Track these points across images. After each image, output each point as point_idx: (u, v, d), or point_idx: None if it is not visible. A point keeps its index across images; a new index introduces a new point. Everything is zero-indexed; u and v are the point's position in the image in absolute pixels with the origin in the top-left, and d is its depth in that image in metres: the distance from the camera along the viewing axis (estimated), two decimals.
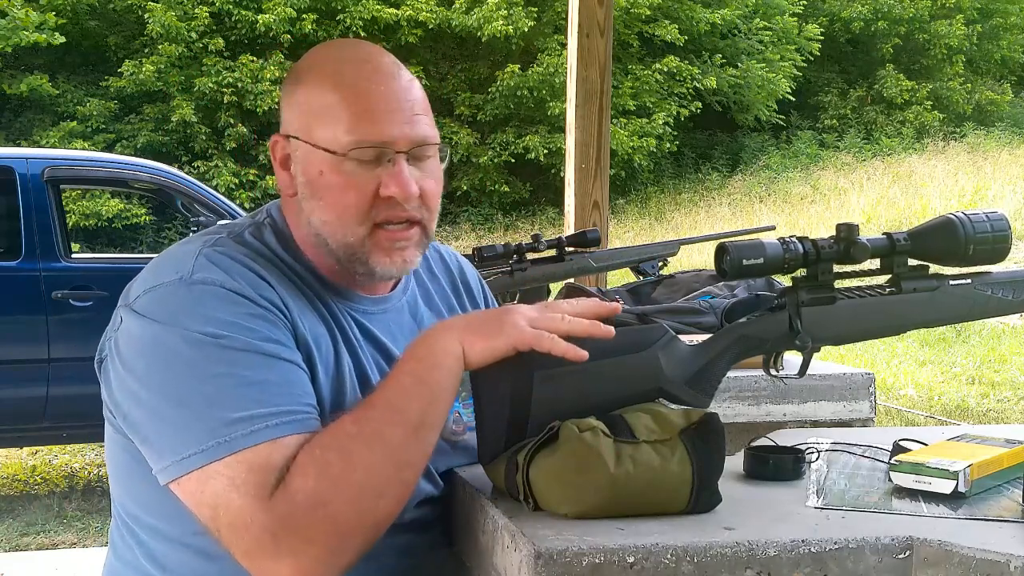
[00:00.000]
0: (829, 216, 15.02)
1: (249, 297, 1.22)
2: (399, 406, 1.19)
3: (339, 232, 1.28)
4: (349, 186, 1.26)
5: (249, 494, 1.13)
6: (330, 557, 1.14)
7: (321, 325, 1.29)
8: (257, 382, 1.17)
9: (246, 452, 1.14)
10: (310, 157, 1.28)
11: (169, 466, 1.17)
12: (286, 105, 1.33)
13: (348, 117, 1.26)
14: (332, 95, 1.27)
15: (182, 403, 1.17)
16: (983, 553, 1.04)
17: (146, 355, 1.21)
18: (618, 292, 2.69)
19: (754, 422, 2.08)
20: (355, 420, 1.18)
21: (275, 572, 1.14)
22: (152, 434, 1.20)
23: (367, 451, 1.16)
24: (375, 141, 1.26)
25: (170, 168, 6.58)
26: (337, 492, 1.14)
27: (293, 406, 1.19)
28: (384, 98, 1.27)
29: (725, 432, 1.20)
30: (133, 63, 16.76)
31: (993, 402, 7.31)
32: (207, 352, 1.17)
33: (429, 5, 18.00)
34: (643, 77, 18.66)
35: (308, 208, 1.30)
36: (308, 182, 1.29)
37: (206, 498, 1.15)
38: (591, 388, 1.25)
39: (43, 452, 6.30)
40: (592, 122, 3.89)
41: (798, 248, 1.30)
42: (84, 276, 5.43)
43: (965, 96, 21.17)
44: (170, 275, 1.23)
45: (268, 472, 1.14)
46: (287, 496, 1.13)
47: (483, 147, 18.05)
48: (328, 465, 1.14)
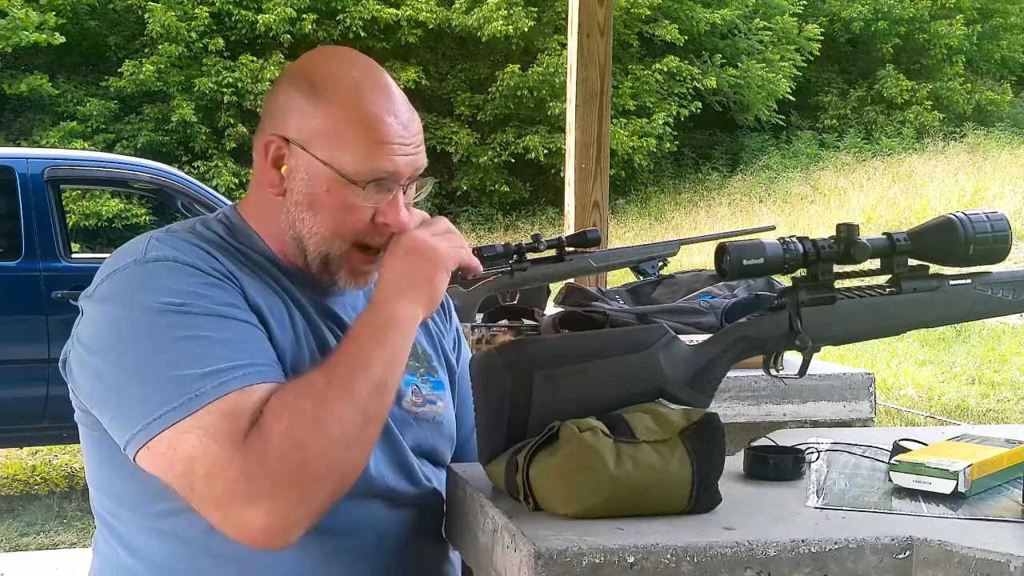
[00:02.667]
0: (829, 216, 15.03)
1: (202, 269, 1.27)
2: (364, 363, 1.23)
3: (324, 245, 1.34)
4: (353, 210, 1.32)
5: (225, 440, 1.15)
6: (303, 502, 1.17)
7: (272, 294, 1.33)
8: (219, 340, 1.21)
9: (216, 403, 1.17)
10: (318, 172, 1.32)
11: (138, 432, 1.19)
12: (291, 111, 1.33)
13: (365, 147, 1.31)
14: (350, 122, 1.31)
15: (145, 371, 1.20)
16: (983, 553, 1.04)
17: (107, 333, 1.25)
18: (618, 292, 2.69)
19: (754, 422, 2.08)
20: (325, 373, 1.22)
21: (249, 519, 1.15)
22: (118, 407, 1.22)
23: (339, 401, 1.19)
24: (387, 173, 1.32)
25: (170, 168, 6.58)
26: (311, 436, 1.17)
27: (256, 359, 1.23)
28: (397, 130, 1.32)
29: (725, 432, 1.20)
30: (133, 63, 16.76)
31: (993, 402, 7.31)
32: (168, 320, 1.21)
33: (429, 5, 18.00)
34: (643, 77, 18.66)
35: (297, 214, 1.34)
36: (309, 194, 1.33)
37: (179, 454, 1.17)
38: (591, 388, 1.25)
39: (43, 452, 6.30)
40: (592, 122, 3.89)
41: (798, 248, 1.30)
42: (84, 276, 5.40)
43: (965, 96, 21.17)
44: (124, 261, 1.29)
45: (239, 417, 1.16)
46: (261, 438, 1.16)
47: (483, 147, 18.05)
48: (302, 411, 1.17)
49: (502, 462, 1.22)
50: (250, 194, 1.42)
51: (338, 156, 1.31)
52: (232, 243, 1.36)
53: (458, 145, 17.68)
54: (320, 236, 1.34)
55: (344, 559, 1.32)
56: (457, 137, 17.74)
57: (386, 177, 1.31)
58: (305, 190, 1.33)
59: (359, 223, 1.33)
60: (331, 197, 1.32)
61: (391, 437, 1.38)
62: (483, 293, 2.43)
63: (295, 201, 1.34)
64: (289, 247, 1.37)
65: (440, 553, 1.45)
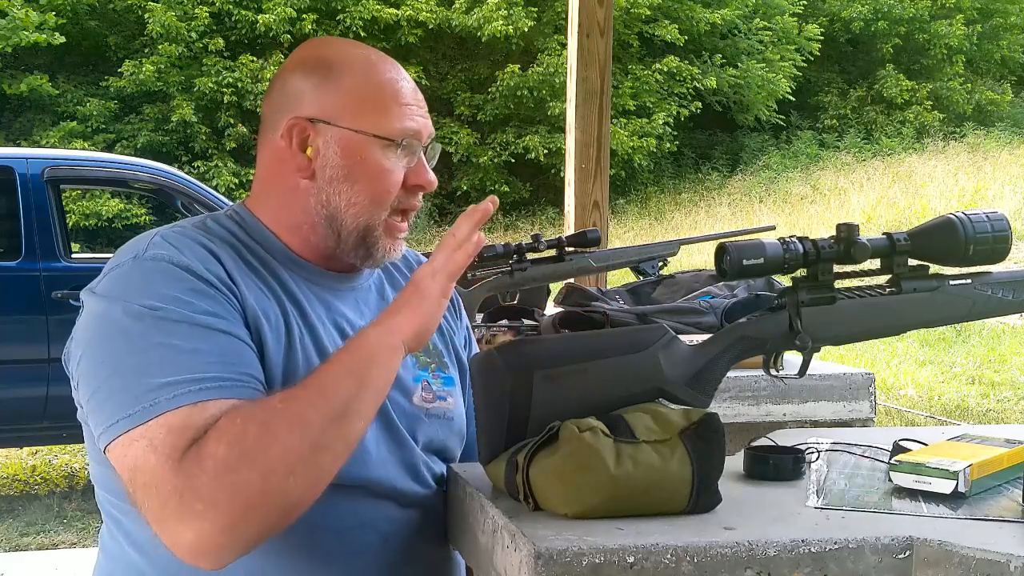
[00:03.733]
0: (829, 216, 15.03)
1: (195, 271, 1.26)
2: (326, 391, 1.21)
3: (365, 214, 1.35)
4: (390, 173, 1.35)
5: (164, 454, 1.15)
6: (232, 527, 1.14)
7: (272, 300, 1.32)
8: (187, 351, 1.20)
9: (168, 415, 1.16)
10: (350, 142, 1.34)
11: (102, 433, 1.20)
12: (309, 91, 1.36)
13: (396, 107, 1.35)
14: (376, 87, 1.36)
15: (116, 372, 1.21)
16: (983, 553, 1.04)
17: (93, 329, 1.26)
18: (618, 292, 2.69)
19: (754, 422, 2.08)
20: (283, 398, 1.20)
21: (180, 535, 1.15)
22: (94, 404, 1.23)
23: (286, 428, 1.17)
24: (414, 132, 1.36)
25: (170, 168, 6.58)
26: (246, 462, 1.14)
27: (222, 373, 1.21)
28: (412, 94, 1.38)
29: (725, 432, 1.20)
30: (133, 63, 16.76)
31: (993, 402, 7.32)
32: (145, 324, 1.21)
33: (429, 5, 18.00)
34: (643, 77, 18.66)
35: (332, 190, 1.35)
36: (344, 165, 1.35)
37: (127, 461, 1.17)
38: (591, 388, 1.25)
39: (43, 452, 6.30)
40: (592, 122, 3.89)
41: (798, 248, 1.30)
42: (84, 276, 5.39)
43: (965, 96, 21.16)
44: (126, 256, 1.30)
45: (184, 432, 1.15)
46: (198, 458, 1.14)
47: (483, 147, 18.05)
48: (244, 435, 1.15)
49: (502, 462, 1.22)
50: (258, 191, 1.42)
51: (369, 121, 1.34)
52: (242, 239, 1.36)
53: (458, 145, 17.68)
54: (360, 206, 1.35)
55: (348, 559, 1.32)
56: (457, 137, 17.73)
57: (413, 136, 1.35)
58: (340, 163, 1.35)
59: (395, 186, 1.36)
60: (367, 164, 1.34)
61: (398, 437, 1.38)
62: (483, 293, 2.43)
63: (329, 177, 1.35)
64: (314, 234, 1.37)
65: (444, 553, 1.45)
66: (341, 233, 1.36)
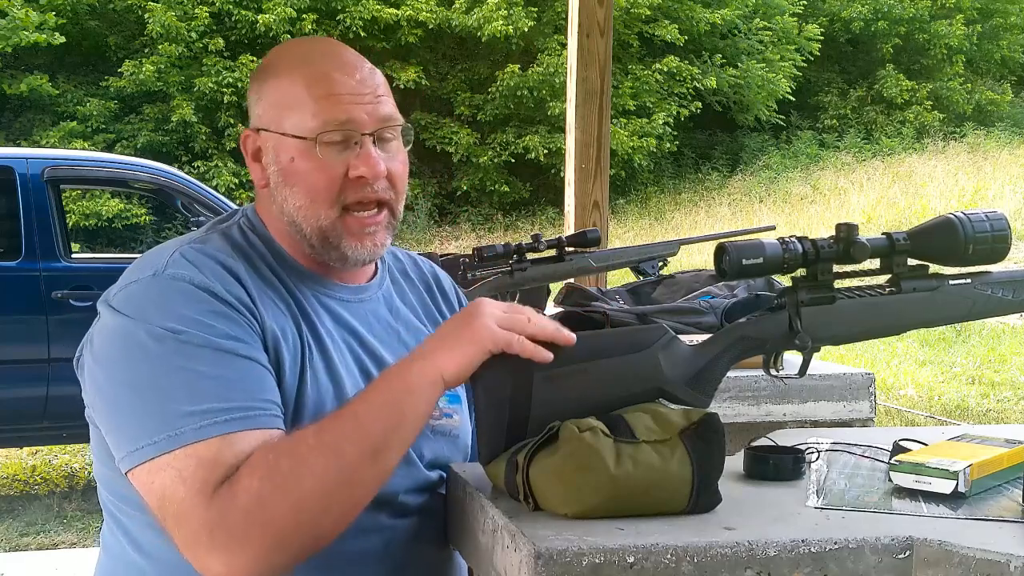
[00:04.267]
0: (829, 216, 15.02)
1: (215, 293, 1.25)
2: (363, 425, 1.19)
3: (312, 216, 1.33)
4: (319, 168, 1.32)
5: (194, 488, 1.15)
6: (263, 558, 1.15)
7: (287, 316, 1.32)
8: (212, 377, 1.20)
9: (197, 446, 1.16)
10: (281, 146, 1.33)
11: (125, 456, 1.20)
12: (255, 100, 1.38)
13: (313, 103, 1.31)
14: (298, 85, 1.33)
15: (138, 395, 1.20)
16: (983, 553, 1.04)
17: (113, 347, 1.25)
18: (618, 292, 2.69)
19: (754, 422, 2.08)
20: (317, 430, 1.19)
21: (208, 564, 1.16)
22: (112, 424, 1.23)
23: (321, 462, 1.16)
24: (341, 122, 1.31)
25: (170, 168, 6.58)
26: (279, 497, 1.15)
27: (248, 402, 1.20)
28: (347, 83, 1.33)
29: (725, 432, 1.20)
30: (133, 63, 16.75)
31: (993, 402, 7.31)
32: (167, 347, 1.20)
33: (429, 5, 17.99)
34: (643, 77, 18.65)
35: (281, 197, 1.35)
36: (280, 170, 1.34)
37: (155, 488, 1.18)
38: (591, 388, 1.25)
39: (43, 452, 6.30)
40: (592, 122, 3.89)
41: (798, 248, 1.30)
42: (84, 276, 5.43)
43: (965, 96, 21.15)
44: (146, 271, 1.28)
45: (215, 468, 1.15)
46: (231, 493, 1.14)
47: (483, 147, 18.04)
48: (277, 470, 1.15)
49: (502, 462, 1.22)
50: (256, 196, 1.43)
51: (290, 120, 1.32)
52: (258, 249, 1.36)
53: (458, 145, 17.67)
54: (304, 208, 1.33)
55: (349, 565, 1.31)
56: (457, 137, 17.72)
57: (339, 127, 1.31)
58: (277, 168, 1.35)
59: (332, 182, 1.32)
60: (298, 164, 1.32)
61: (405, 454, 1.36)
62: (483, 293, 2.43)
63: (275, 184, 1.35)
64: (295, 241, 1.37)
65: (445, 554, 1.45)
66: (308, 239, 1.35)
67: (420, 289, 1.54)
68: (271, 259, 1.36)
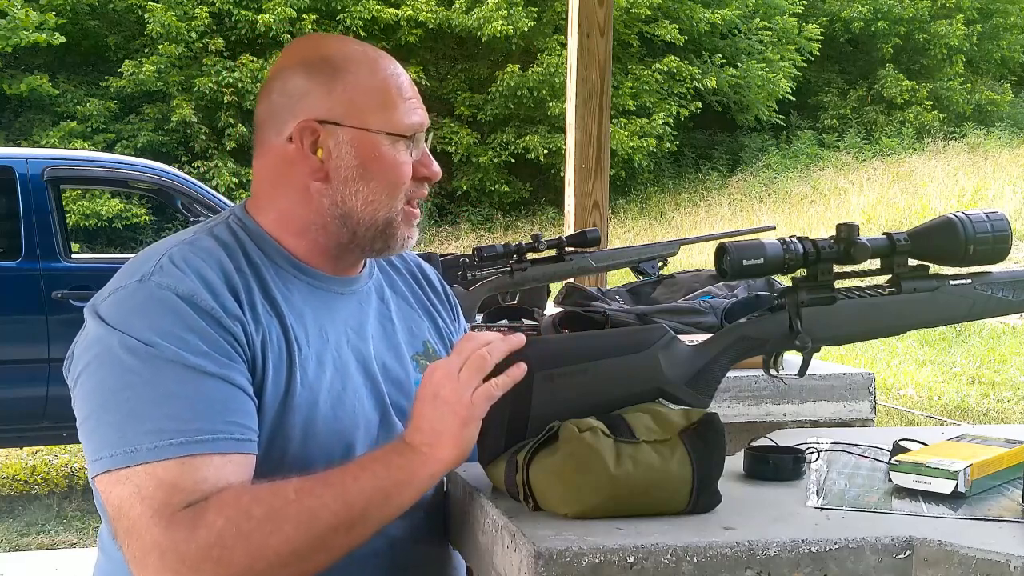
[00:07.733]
0: (829, 216, 15.02)
1: (198, 304, 1.24)
2: (347, 496, 1.19)
3: (383, 208, 1.37)
4: (403, 166, 1.37)
5: (151, 507, 1.15)
6: None
7: (274, 317, 1.32)
8: (177, 396, 1.19)
9: (155, 466, 1.16)
10: (363, 140, 1.35)
11: (90, 462, 1.22)
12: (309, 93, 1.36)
13: (403, 103, 1.38)
14: (379, 85, 1.37)
15: (103, 406, 1.21)
16: (983, 553, 1.04)
17: (89, 354, 1.25)
18: (618, 292, 2.69)
19: (754, 422, 2.08)
20: (299, 488, 1.19)
21: None
22: (85, 430, 1.24)
23: (292, 523, 1.16)
24: (418, 124, 1.39)
25: (170, 168, 6.58)
26: (240, 544, 1.14)
27: (210, 423, 1.20)
28: (410, 86, 1.41)
29: (725, 432, 1.20)
30: (133, 63, 16.75)
31: (993, 402, 7.31)
32: (138, 359, 1.21)
33: (429, 5, 17.99)
34: (643, 77, 18.65)
35: (347, 190, 1.36)
36: (359, 165, 1.36)
37: (112, 499, 1.19)
38: (591, 388, 1.25)
39: (43, 452, 6.30)
40: (592, 122, 3.89)
41: (798, 248, 1.30)
42: (84, 276, 5.43)
43: (965, 96, 21.16)
44: (133, 277, 1.28)
45: (175, 492, 1.16)
46: (191, 524, 1.14)
47: (483, 147, 18.04)
48: (247, 516, 1.15)
49: (502, 462, 1.22)
50: (260, 194, 1.41)
51: (379, 119, 1.36)
52: (246, 249, 1.35)
53: (458, 145, 17.67)
54: (377, 203, 1.36)
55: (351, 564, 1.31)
56: (457, 137, 17.72)
57: (418, 129, 1.38)
58: (354, 162, 1.35)
59: (408, 178, 1.38)
60: (381, 161, 1.36)
61: None
62: (483, 293, 2.43)
63: (344, 178, 1.35)
64: (324, 235, 1.37)
65: (445, 554, 1.45)
66: (357, 231, 1.37)
67: (408, 278, 1.56)
68: (261, 256, 1.36)
